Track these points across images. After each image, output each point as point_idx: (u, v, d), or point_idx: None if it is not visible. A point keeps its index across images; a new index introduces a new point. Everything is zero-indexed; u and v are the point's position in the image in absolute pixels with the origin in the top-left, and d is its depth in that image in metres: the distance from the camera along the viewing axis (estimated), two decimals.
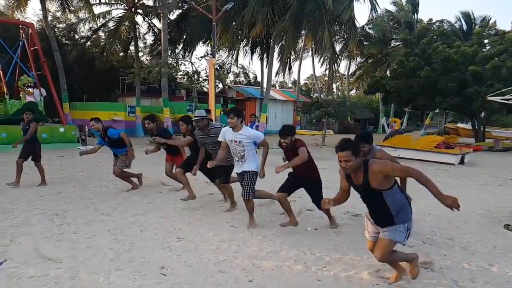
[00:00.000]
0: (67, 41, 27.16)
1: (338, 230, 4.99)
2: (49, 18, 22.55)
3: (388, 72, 28.26)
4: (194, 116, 5.64)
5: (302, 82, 42.13)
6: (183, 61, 24.06)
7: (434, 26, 25.12)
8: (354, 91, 49.35)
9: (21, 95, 14.92)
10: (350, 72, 37.43)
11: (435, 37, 20.85)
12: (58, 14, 25.32)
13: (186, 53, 25.07)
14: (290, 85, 50.24)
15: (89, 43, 27.10)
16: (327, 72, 34.02)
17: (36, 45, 16.12)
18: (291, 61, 28.66)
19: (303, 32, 23.54)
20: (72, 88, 21.80)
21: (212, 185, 8.06)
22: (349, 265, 3.88)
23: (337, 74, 47.04)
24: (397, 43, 30.02)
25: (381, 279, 3.55)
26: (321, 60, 32.10)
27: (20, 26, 17.22)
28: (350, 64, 36.54)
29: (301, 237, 4.71)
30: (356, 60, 35.82)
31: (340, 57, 32.92)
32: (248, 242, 4.51)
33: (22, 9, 21.00)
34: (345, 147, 3.14)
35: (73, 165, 10.43)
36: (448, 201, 2.90)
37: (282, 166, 4.47)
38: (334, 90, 53.44)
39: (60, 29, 27.08)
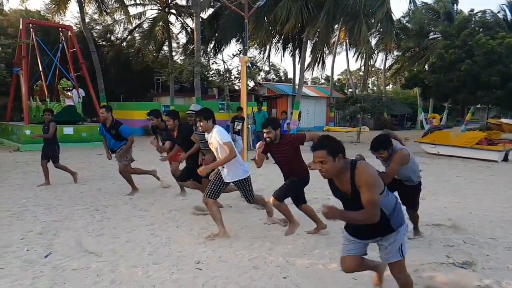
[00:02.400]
0: (104, 43, 28.11)
1: None
2: (87, 20, 23.42)
3: (426, 65, 27.27)
4: (188, 110, 5.34)
5: (335, 77, 41.49)
6: (215, 60, 24.34)
7: (476, 17, 23.98)
8: (390, 85, 48.06)
9: (61, 98, 15.56)
10: (386, 66, 36.51)
11: (476, 29, 19.91)
12: (95, 16, 26.27)
13: (217, 52, 25.32)
14: (322, 81, 49.64)
15: (124, 44, 27.92)
16: (362, 66, 33.34)
17: (75, 47, 16.78)
18: (324, 56, 28.27)
19: (336, 26, 23.17)
20: (109, 88, 22.53)
21: None
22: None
23: (373, 69, 46.02)
24: (436, 36, 28.88)
25: (420, 279, 3.44)
26: (356, 54, 31.50)
27: (60, 29, 17.98)
28: (386, 58, 35.63)
29: (335, 235, 4.65)
30: (393, 53, 34.84)
31: (375, 51, 32.14)
32: (281, 240, 4.51)
33: (62, 13, 21.93)
34: (320, 145, 2.54)
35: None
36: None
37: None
38: (370, 85, 52.29)
39: (97, 31, 28.06)
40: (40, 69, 15.83)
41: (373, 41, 29.45)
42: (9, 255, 3.95)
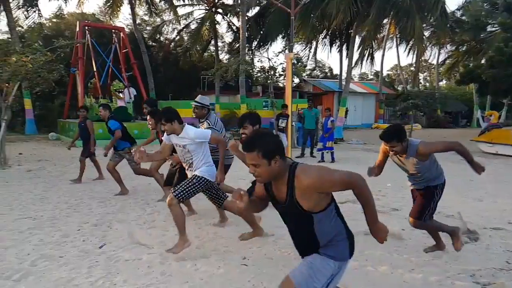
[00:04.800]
0: (153, 43, 29.10)
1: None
2: (138, 21, 24.36)
3: (483, 60, 25.71)
4: (195, 101, 4.90)
5: (385, 73, 40.15)
6: (260, 58, 24.45)
7: None
8: (444, 81, 45.81)
9: (113, 99, 16.27)
10: (439, 61, 34.85)
11: None
12: (146, 17, 27.27)
13: (261, 49, 25.38)
14: (371, 76, 48.28)
15: (173, 44, 28.73)
16: (413, 61, 32.05)
17: (127, 47, 17.49)
18: (373, 51, 27.45)
19: (386, 20, 22.44)
20: (159, 87, 23.29)
21: None
22: (441, 269, 3.60)
23: (425, 64, 44.06)
24: (494, 28, 27.12)
25: (476, 285, 3.24)
26: (407, 49, 30.32)
27: (113, 30, 18.82)
28: (439, 53, 34.02)
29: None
30: (446, 48, 33.20)
31: (428, 46, 30.75)
32: None
33: (115, 15, 22.98)
34: (251, 146, 2.06)
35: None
36: (378, 234, 2.15)
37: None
38: (421, 81, 50.15)
39: (147, 31, 29.10)
40: (94, 69, 16.68)
41: (426, 35, 28.14)
42: (67, 244, 4.18)
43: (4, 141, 9.40)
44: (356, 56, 23.19)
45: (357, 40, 22.96)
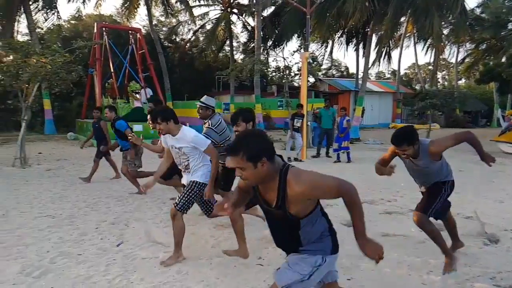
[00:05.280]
0: (169, 44, 29.37)
1: (446, 234, 4.57)
2: (154, 22, 24.62)
3: (504, 58, 25.13)
4: (200, 101, 4.89)
5: (402, 71, 39.65)
6: (275, 57, 24.46)
7: None
8: (463, 80, 44.92)
9: (130, 99, 16.48)
10: (458, 60, 34.19)
11: None
12: (162, 18, 27.53)
13: (276, 49, 25.35)
14: (388, 75, 47.67)
15: (188, 44, 28.94)
16: (431, 60, 31.53)
17: (144, 48, 17.69)
18: (391, 50, 27.10)
19: (403, 18, 22.13)
20: (175, 88, 23.49)
21: None
22: (460, 271, 3.52)
23: (443, 62, 43.28)
24: None
25: None
26: (425, 47, 29.85)
27: (130, 31, 19.06)
28: (458, 51, 33.37)
29: (402, 238, 4.42)
30: (465, 46, 32.52)
31: (447, 44, 30.20)
32: (345, 240, 4.36)
33: (133, 16, 23.29)
34: (235, 149, 1.94)
35: None
36: (368, 249, 2.03)
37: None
38: (440, 79, 49.27)
39: (163, 32, 29.38)
40: (112, 70, 16.92)
41: (444, 33, 27.62)
42: (85, 242, 4.25)
43: (24, 141, 9.62)
44: (373, 55, 22.95)
45: (374, 38, 22.74)
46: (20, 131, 9.75)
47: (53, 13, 20.72)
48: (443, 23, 23.83)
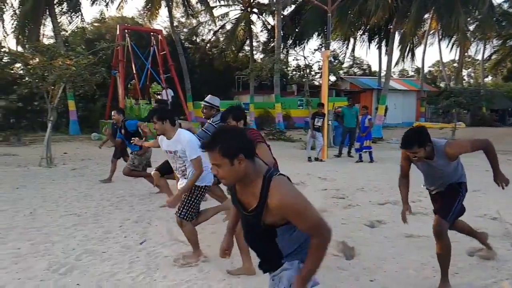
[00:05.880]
0: (190, 45, 29.63)
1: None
2: (175, 24, 24.89)
3: None
4: (204, 101, 4.84)
5: (426, 69, 38.76)
6: (296, 56, 24.33)
7: None
8: (489, 77, 43.59)
9: (152, 101, 16.70)
10: (485, 57, 33.19)
11: None
12: (183, 19, 27.80)
13: (297, 47, 25.21)
14: (411, 73, 46.77)
15: (208, 45, 29.13)
16: (456, 57, 30.75)
17: (165, 49, 17.90)
18: (414, 47, 26.53)
19: (427, 15, 21.64)
20: (195, 89, 23.70)
21: (325, 180, 7.98)
22: (487, 273, 3.43)
23: (469, 59, 42.14)
24: None
25: None
26: (450, 44, 29.11)
27: (151, 33, 19.32)
28: (484, 48, 32.40)
29: (426, 239, 4.31)
30: (492, 42, 31.53)
31: (472, 41, 29.38)
32: (368, 241, 4.31)
33: (154, 17, 23.63)
34: (210, 143, 1.80)
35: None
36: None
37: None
38: (465, 77, 47.98)
39: (184, 33, 29.66)
40: (134, 72, 17.21)
41: (470, 29, 26.85)
42: (109, 240, 4.33)
43: (50, 141, 9.87)
44: (396, 52, 22.56)
45: (397, 36, 22.32)
46: (46, 131, 10.01)
47: (77, 16, 21.24)
48: (468, 19, 23.20)
